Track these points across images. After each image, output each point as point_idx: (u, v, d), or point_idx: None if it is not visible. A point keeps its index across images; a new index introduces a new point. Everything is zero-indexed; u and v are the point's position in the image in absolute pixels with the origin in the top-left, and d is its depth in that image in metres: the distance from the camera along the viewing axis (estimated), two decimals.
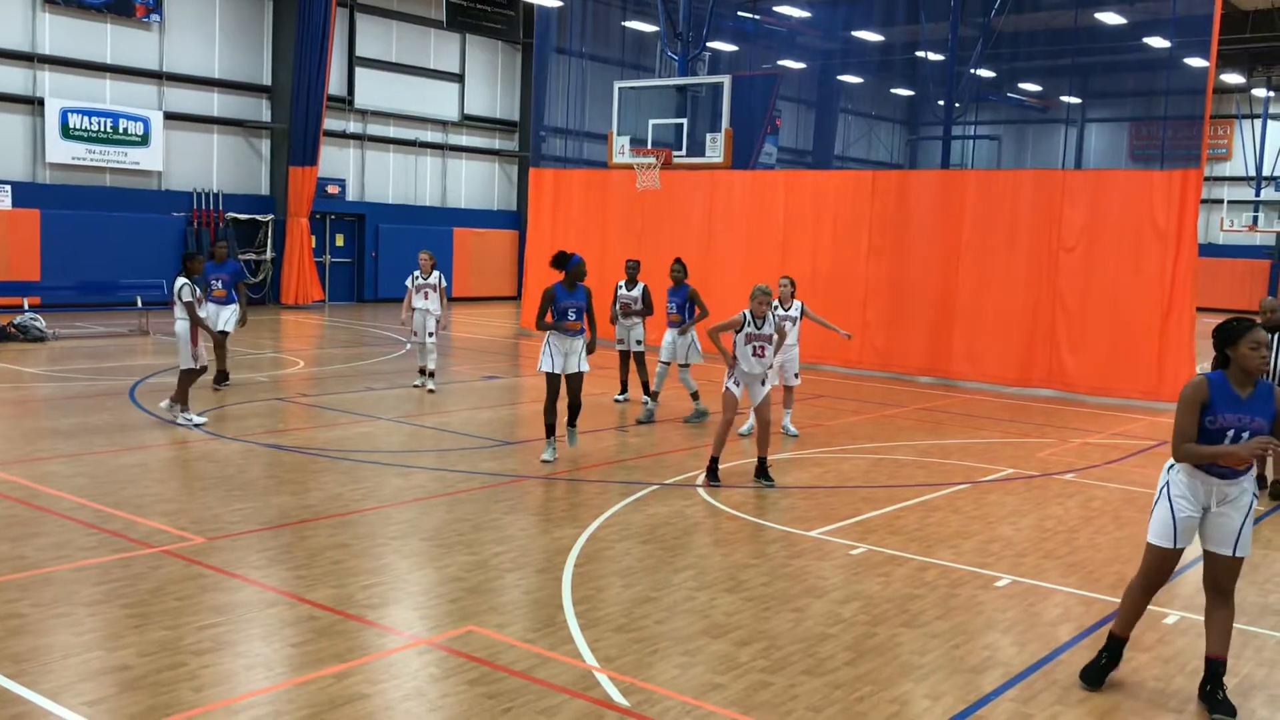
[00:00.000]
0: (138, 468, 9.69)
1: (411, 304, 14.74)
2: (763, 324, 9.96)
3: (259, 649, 5.72)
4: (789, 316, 12.26)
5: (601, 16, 26.24)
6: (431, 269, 14.76)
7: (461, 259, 31.88)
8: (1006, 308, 17.20)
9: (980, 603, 6.90)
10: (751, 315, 9.95)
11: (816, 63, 34.54)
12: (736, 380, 10.03)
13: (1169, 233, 15.91)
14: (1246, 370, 5.31)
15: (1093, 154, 40.53)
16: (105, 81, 24.64)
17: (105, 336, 19.72)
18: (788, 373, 12.35)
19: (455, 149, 32.54)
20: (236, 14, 26.86)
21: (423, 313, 14.67)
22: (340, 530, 7.92)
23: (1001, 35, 27.47)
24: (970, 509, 9.39)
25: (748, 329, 9.92)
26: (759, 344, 9.95)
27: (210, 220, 26.26)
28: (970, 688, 5.57)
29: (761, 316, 9.95)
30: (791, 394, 12.66)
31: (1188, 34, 20.95)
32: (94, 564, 6.92)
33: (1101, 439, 13.34)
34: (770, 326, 10.03)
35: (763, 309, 9.93)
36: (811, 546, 7.99)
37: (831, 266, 18.77)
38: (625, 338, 13.96)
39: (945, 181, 18.62)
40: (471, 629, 6.08)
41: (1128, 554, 8.11)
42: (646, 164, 18.64)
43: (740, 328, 9.95)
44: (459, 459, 10.63)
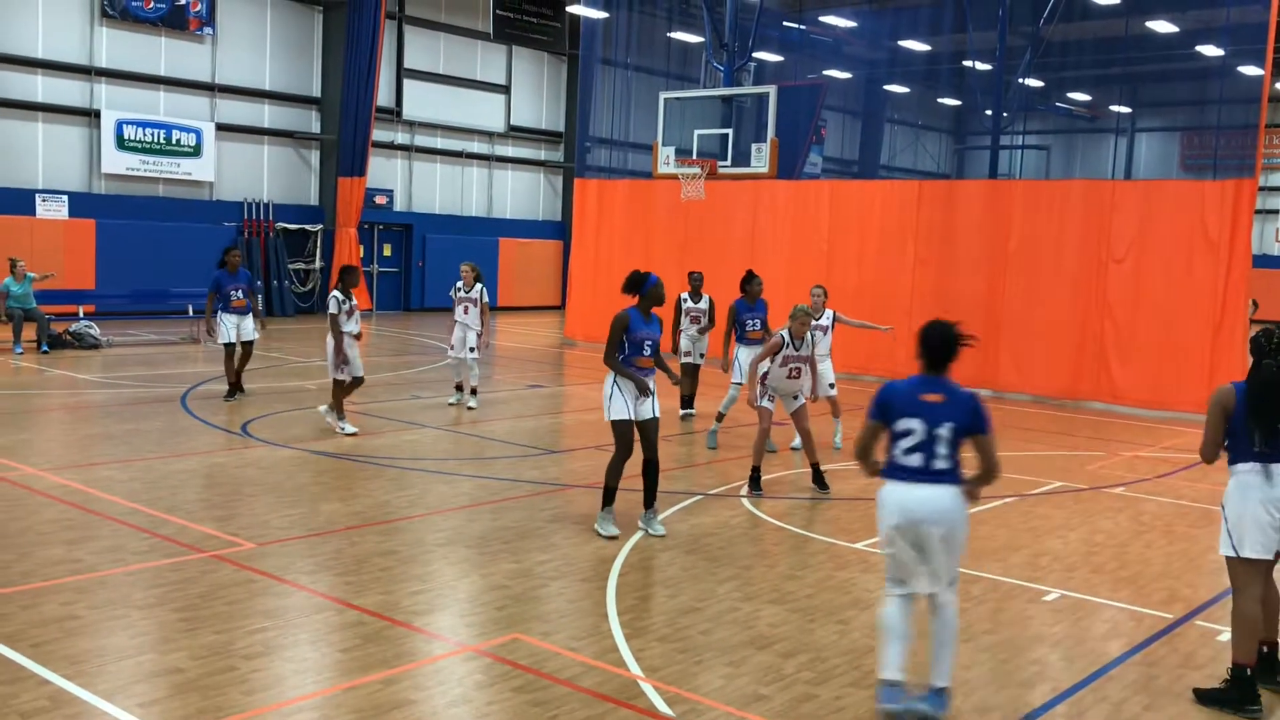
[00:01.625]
0: (189, 473, 9.84)
1: (454, 318, 14.06)
2: (801, 345, 9.97)
3: (308, 654, 5.79)
4: (820, 325, 11.99)
5: (647, 27, 26.31)
6: (474, 282, 13.98)
7: (507, 269, 32.08)
8: (1055, 319, 17.02)
9: (1029, 616, 6.83)
10: (791, 336, 9.94)
11: (862, 72, 34.41)
12: (770, 395, 10.09)
13: (1221, 243, 15.68)
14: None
15: (1143, 164, 39.99)
16: (159, 93, 25.09)
17: (157, 344, 20.05)
18: (823, 383, 11.85)
19: (501, 160, 32.77)
20: (287, 27, 27.26)
21: (463, 327, 13.92)
22: (388, 537, 7.99)
23: (1050, 44, 27.20)
24: (1018, 522, 9.29)
25: (786, 350, 9.93)
26: (796, 365, 9.98)
27: (260, 230, 26.63)
28: (1019, 702, 5.52)
29: (801, 337, 9.96)
30: (836, 404, 12.33)
31: (1241, 42, 20.63)
32: (147, 568, 7.04)
33: (1152, 452, 13.16)
34: (808, 348, 10.04)
35: (803, 329, 9.95)
36: (857, 558, 7.95)
37: (876, 277, 18.67)
38: (692, 350, 13.69)
39: (993, 192, 18.48)
40: (517, 636, 6.11)
41: (1179, 569, 7.99)
42: (691, 174, 18.66)
43: (779, 350, 9.95)
44: (504, 467, 10.69)
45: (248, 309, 13.94)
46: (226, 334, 13.79)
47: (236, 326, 13.82)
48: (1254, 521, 5.56)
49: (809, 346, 10.05)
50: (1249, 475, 5.59)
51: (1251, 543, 5.56)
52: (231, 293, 13.79)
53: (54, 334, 18.54)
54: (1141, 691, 5.73)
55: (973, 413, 5.22)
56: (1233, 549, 5.62)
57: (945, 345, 5.29)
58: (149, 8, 24.42)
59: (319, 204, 28.18)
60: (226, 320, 13.80)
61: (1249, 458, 5.60)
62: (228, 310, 13.80)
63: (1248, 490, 5.58)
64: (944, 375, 5.33)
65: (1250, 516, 5.56)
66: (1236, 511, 5.61)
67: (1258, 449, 5.57)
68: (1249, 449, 5.60)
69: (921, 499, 5.13)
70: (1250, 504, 5.57)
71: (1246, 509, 5.58)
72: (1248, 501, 5.58)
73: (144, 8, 24.34)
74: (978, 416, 5.22)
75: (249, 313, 13.96)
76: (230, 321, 13.80)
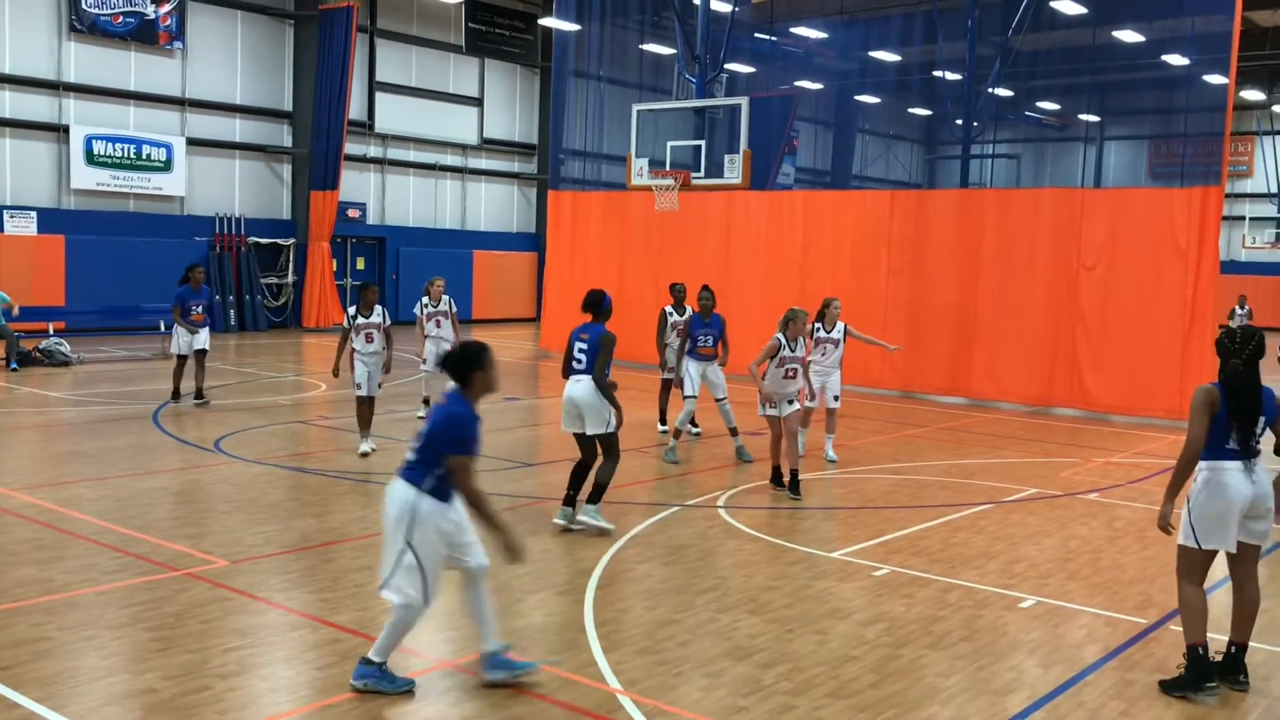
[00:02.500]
0: (161, 491, 9.75)
1: (424, 332, 14.06)
2: (796, 346, 10.30)
3: (283, 672, 5.74)
4: (831, 338, 12.02)
5: (619, 40, 26.39)
6: (442, 295, 14.13)
7: (481, 281, 32.02)
8: (1027, 327, 17.13)
9: (1005, 624, 6.86)
10: (787, 338, 10.20)
11: (834, 83, 34.62)
12: (769, 402, 10.36)
13: (1190, 250, 15.84)
14: None
15: (1112, 172, 40.40)
16: (129, 108, 24.92)
17: (129, 361, 19.89)
18: (829, 395, 11.95)
19: (475, 172, 32.74)
20: (258, 40, 27.16)
21: (435, 340, 13.92)
22: (363, 553, 7.94)
23: (1019, 54, 27.47)
24: (994, 529, 9.34)
25: (783, 352, 10.22)
26: (792, 366, 10.30)
27: (232, 245, 26.47)
28: (996, 710, 5.54)
29: (796, 339, 10.27)
30: (834, 417, 12.21)
31: (1207, 51, 20.91)
32: (119, 587, 6.96)
33: (1124, 458, 13.26)
34: (801, 349, 10.38)
35: (799, 331, 10.28)
36: (834, 568, 7.96)
37: (851, 286, 18.72)
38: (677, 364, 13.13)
39: (964, 201, 18.61)
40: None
41: (1153, 574, 8.05)
42: (665, 185, 18.70)
43: (776, 353, 10.21)
44: (480, 481, 10.63)
45: (206, 323, 14.86)
46: (180, 345, 14.71)
47: (190, 339, 14.66)
48: (1221, 517, 5.72)
49: (802, 348, 10.36)
50: (1223, 473, 5.74)
51: (1215, 536, 5.75)
52: (192, 307, 14.73)
53: (23, 351, 18.35)
54: (1118, 697, 5.76)
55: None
56: (1195, 541, 5.80)
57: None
58: (118, 22, 24.27)
59: (291, 218, 28.05)
60: (182, 332, 14.69)
61: (1225, 455, 5.75)
62: (188, 322, 14.68)
63: (1220, 487, 5.72)
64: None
65: (1218, 512, 5.72)
66: (1204, 506, 5.76)
67: (1233, 446, 5.73)
68: (1225, 446, 5.75)
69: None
70: (1219, 499, 5.72)
71: (1215, 504, 5.73)
72: (1217, 497, 5.73)
73: (113, 22, 24.20)
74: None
75: (206, 326, 14.87)
76: (185, 335, 14.66)
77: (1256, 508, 5.78)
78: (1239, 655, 5.93)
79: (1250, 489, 5.73)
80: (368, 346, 11.75)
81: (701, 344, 12.33)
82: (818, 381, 11.81)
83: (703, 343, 12.33)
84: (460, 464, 5.43)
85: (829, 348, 12.02)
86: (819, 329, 12.03)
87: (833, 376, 12.04)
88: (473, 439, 5.51)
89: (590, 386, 8.53)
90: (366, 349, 11.74)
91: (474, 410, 5.60)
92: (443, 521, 5.48)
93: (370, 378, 11.73)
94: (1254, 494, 5.74)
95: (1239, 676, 5.89)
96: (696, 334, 12.37)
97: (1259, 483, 5.77)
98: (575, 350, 8.70)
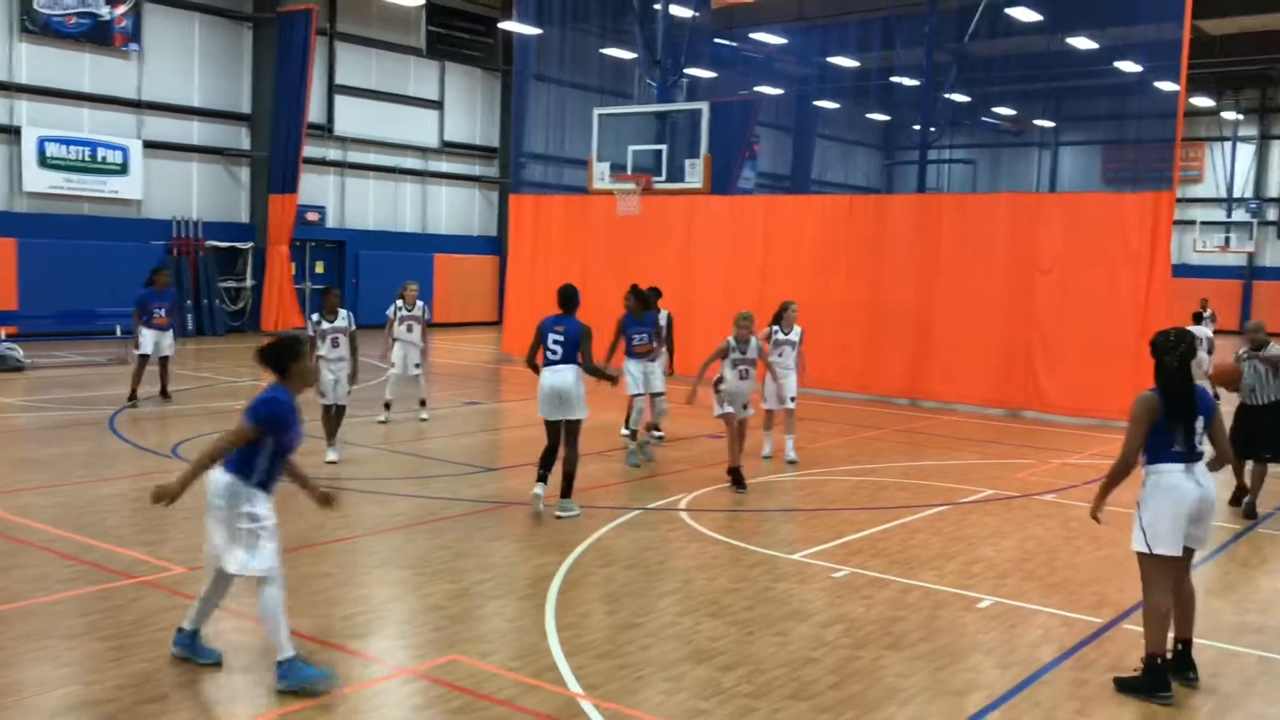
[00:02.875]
0: (118, 498, 9.64)
1: (394, 335, 14.25)
2: (746, 348, 10.73)
3: (240, 680, 5.69)
4: (789, 340, 12.32)
5: (580, 44, 26.40)
6: (416, 300, 14.40)
7: (442, 285, 31.88)
8: (984, 330, 17.32)
9: (963, 624, 6.94)
10: (737, 341, 10.72)
11: (793, 88, 34.87)
12: (727, 401, 10.76)
13: (1142, 254, 16.08)
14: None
15: (1066, 177, 40.97)
16: (84, 110, 24.60)
17: (84, 366, 19.61)
18: (785, 395, 12.08)
19: (435, 175, 32.60)
20: (216, 43, 26.90)
21: (406, 344, 14.20)
22: (322, 559, 7.89)
23: (975, 60, 27.82)
24: (951, 530, 9.43)
25: (734, 354, 10.69)
26: (744, 367, 10.75)
27: (190, 248, 26.19)
28: (954, 710, 5.60)
29: (746, 341, 10.71)
30: (792, 418, 12.35)
31: (1158, 58, 21.25)
32: (73, 596, 6.87)
33: (1080, 459, 13.43)
34: (754, 351, 10.77)
35: (746, 334, 10.74)
36: (794, 570, 8.01)
37: (810, 290, 18.81)
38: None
39: (921, 205, 18.80)
40: (454, 658, 6.06)
41: (1107, 574, 8.17)
42: (626, 190, 18.71)
43: (726, 354, 10.72)
44: (441, 486, 10.62)
45: (169, 327, 15.06)
46: (144, 345, 14.82)
47: (155, 342, 14.87)
48: (1170, 520, 5.79)
49: (756, 350, 10.80)
50: (1169, 476, 5.83)
51: (1166, 541, 5.80)
52: (155, 310, 14.92)
53: None
54: (1073, 696, 5.84)
55: None
56: (1146, 546, 5.85)
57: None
58: (71, 23, 23.96)
59: (250, 221, 27.79)
60: (146, 334, 14.85)
61: (1169, 458, 5.84)
62: (149, 326, 14.88)
63: (1168, 491, 5.81)
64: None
65: (1167, 516, 5.79)
66: (1153, 511, 5.83)
67: (1177, 449, 5.83)
68: (1169, 450, 5.84)
69: None
70: (1168, 503, 5.80)
71: (1165, 508, 5.80)
72: (1166, 501, 5.81)
73: (66, 23, 23.88)
74: None
75: (170, 330, 15.09)
76: (150, 336, 14.85)
77: (1200, 511, 5.86)
78: (1186, 652, 6.05)
79: (1196, 492, 5.82)
80: (333, 352, 11.56)
81: (638, 342, 12.35)
82: (773, 385, 11.99)
83: (639, 341, 12.34)
84: (243, 429, 5.58)
85: (786, 349, 12.33)
86: (777, 331, 12.30)
87: (789, 378, 12.19)
88: (282, 420, 5.64)
89: (574, 374, 9.17)
90: (332, 354, 11.55)
91: (293, 400, 5.74)
92: (243, 502, 5.69)
93: (335, 385, 11.56)
94: (1200, 496, 5.83)
95: (1189, 673, 6.00)
96: (632, 333, 12.35)
97: (1204, 486, 5.87)
98: (550, 342, 9.25)
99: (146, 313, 14.85)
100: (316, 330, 11.57)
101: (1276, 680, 6.20)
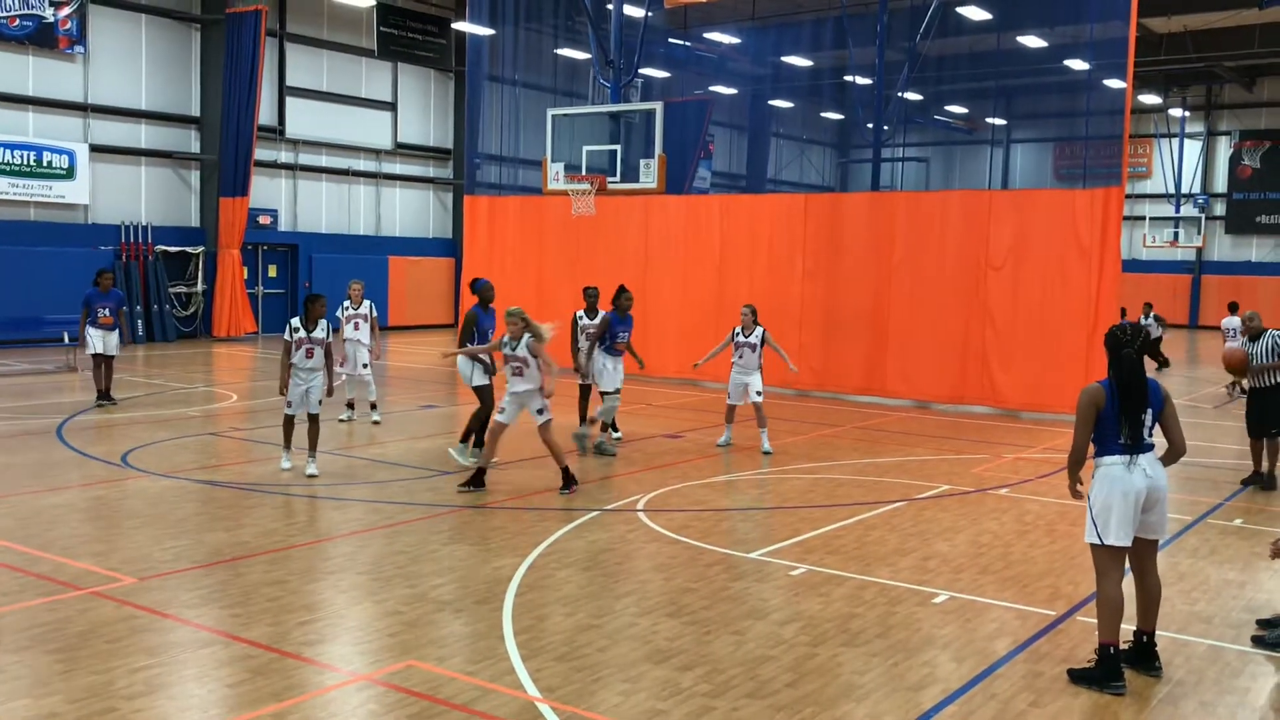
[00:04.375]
0: (66, 507, 9.47)
1: (343, 336, 14.20)
2: (518, 346, 10.35)
3: (193, 690, 5.61)
4: (748, 343, 12.94)
5: (533, 44, 26.31)
6: (362, 298, 14.63)
7: (397, 287, 31.67)
8: (938, 326, 17.46)
9: (918, 620, 6.98)
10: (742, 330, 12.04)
11: (747, 88, 34.96)
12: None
13: (1093, 249, 16.28)
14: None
15: (1018, 174, 41.41)
16: (28, 114, 24.16)
17: (31, 374, 19.27)
18: (751, 391, 12.88)
19: (389, 177, 32.37)
20: (163, 45, 26.52)
21: (354, 344, 14.40)
22: (275, 566, 7.80)
23: (927, 59, 28.03)
24: (907, 526, 9.49)
25: (505, 350, 10.50)
26: (516, 364, 10.38)
27: (139, 253, 25.81)
28: (910, 705, 5.63)
29: (517, 338, 10.35)
30: (761, 411, 12.97)
31: (1105, 56, 21.49)
32: (20, 609, 6.74)
33: (1034, 454, 13.58)
34: (524, 349, 10.32)
35: (515, 330, 10.38)
36: (752, 568, 8.02)
37: (767, 289, 18.92)
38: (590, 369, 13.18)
39: (875, 203, 18.92)
40: (411, 663, 6.01)
41: (1061, 567, 8.25)
42: (581, 190, 18.68)
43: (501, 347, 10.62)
44: (397, 490, 10.53)
45: (114, 327, 15.21)
46: (93, 345, 15.08)
47: (102, 340, 15.11)
48: (1119, 511, 5.90)
49: (524, 348, 10.29)
50: (1114, 467, 5.95)
51: (1116, 531, 5.92)
52: (99, 310, 15.10)
53: None
54: (1028, 688, 5.90)
55: None
56: (1098, 537, 5.96)
57: None
58: (14, 25, 23.52)
59: (200, 225, 27.44)
60: (93, 333, 15.08)
61: (1115, 450, 5.96)
62: (95, 326, 15.09)
63: (1114, 482, 5.92)
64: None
65: (1115, 506, 5.91)
66: (1103, 502, 5.95)
67: (1123, 441, 5.94)
68: (1115, 442, 5.96)
69: None
70: (1115, 494, 5.91)
71: (1113, 499, 5.92)
72: (1113, 493, 5.92)
73: (9, 25, 23.44)
74: None
75: (115, 330, 15.23)
76: (96, 335, 15.08)
77: (1150, 500, 5.97)
78: (1149, 644, 6.13)
79: (1143, 482, 5.92)
80: (307, 362, 11.04)
81: (621, 340, 12.89)
82: (741, 380, 12.87)
83: (622, 339, 12.90)
84: None
85: (746, 351, 12.90)
86: (738, 334, 12.97)
87: (754, 376, 12.96)
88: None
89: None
90: (306, 364, 11.03)
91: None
92: None
93: (307, 395, 11.07)
94: (1147, 486, 5.93)
95: (1153, 664, 6.09)
96: (617, 330, 12.84)
97: (1153, 476, 5.96)
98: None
99: (92, 313, 15.10)
100: (294, 338, 11.04)
101: (1226, 669, 6.29)
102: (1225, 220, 43.68)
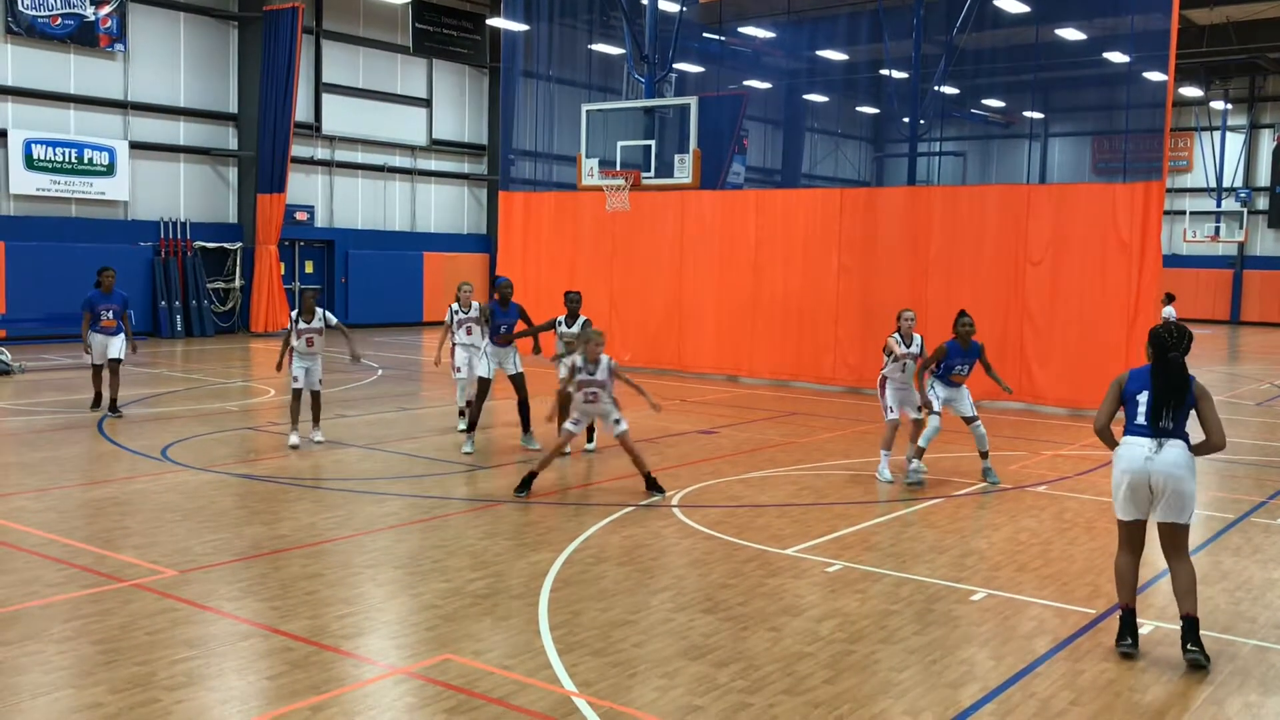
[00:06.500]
0: (107, 501, 9.59)
1: (453, 341, 13.55)
2: (596, 370, 10.06)
3: (233, 683, 5.66)
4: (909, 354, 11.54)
5: (568, 40, 26.35)
6: (471, 303, 13.66)
7: (432, 283, 31.82)
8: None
9: (956, 617, 6.92)
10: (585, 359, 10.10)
11: (782, 82, 34.82)
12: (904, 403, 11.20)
13: (1133, 244, 16.09)
14: None
15: (1056, 168, 41.04)
16: (69, 112, 24.49)
17: (73, 369, 19.52)
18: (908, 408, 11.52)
19: (424, 173, 32.52)
20: (201, 43, 26.79)
21: (469, 348, 13.40)
22: (314, 560, 7.86)
23: (964, 52, 27.80)
24: (944, 523, 9.42)
25: (900, 350, 11.03)
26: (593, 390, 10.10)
27: (178, 249, 26.10)
28: (949, 703, 5.59)
29: (595, 360, 10.04)
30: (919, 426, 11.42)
31: (1146, 49, 21.26)
32: (63, 600, 6.83)
33: (1072, 450, 13.44)
34: (603, 372, 10.05)
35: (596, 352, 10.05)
36: (788, 565, 7.99)
37: (803, 285, 18.86)
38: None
39: (912, 198, 18.78)
40: (448, 657, 6.04)
41: (1101, 565, 8.16)
42: (615, 186, 18.69)
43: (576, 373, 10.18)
44: (433, 484, 10.58)
45: (117, 329, 14.23)
46: (94, 354, 14.25)
47: (104, 345, 14.16)
48: (1122, 487, 6.24)
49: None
50: (1125, 447, 6.25)
51: (1121, 505, 6.29)
52: (102, 312, 14.17)
53: None
54: (1068, 687, 5.84)
55: None
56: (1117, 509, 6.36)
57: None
58: (56, 24, 23.84)
59: (238, 221, 27.71)
60: (95, 339, 14.19)
61: (1131, 430, 6.29)
62: (97, 329, 14.17)
63: (1119, 460, 6.26)
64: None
65: (1118, 483, 6.26)
66: (1115, 478, 6.30)
67: (1140, 422, 6.23)
68: (1132, 422, 6.29)
69: None
70: (1118, 471, 6.25)
71: (1116, 475, 6.27)
72: (1116, 469, 6.27)
73: (51, 24, 23.76)
74: None
75: (119, 333, 14.23)
76: (98, 341, 14.18)
77: (1156, 485, 6.13)
78: (1187, 626, 6.15)
79: (1147, 465, 6.11)
80: (308, 349, 12.26)
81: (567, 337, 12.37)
82: (899, 395, 11.50)
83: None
84: None
85: (908, 363, 11.51)
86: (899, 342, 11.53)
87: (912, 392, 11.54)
88: None
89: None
90: (307, 351, 12.26)
91: None
92: None
93: (308, 373, 12.22)
94: (1149, 470, 6.11)
95: (1187, 645, 6.11)
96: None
97: (1161, 460, 6.09)
98: None
99: (95, 315, 14.11)
100: (294, 328, 12.18)
101: (1271, 669, 6.20)
102: (1268, 214, 43.04)
